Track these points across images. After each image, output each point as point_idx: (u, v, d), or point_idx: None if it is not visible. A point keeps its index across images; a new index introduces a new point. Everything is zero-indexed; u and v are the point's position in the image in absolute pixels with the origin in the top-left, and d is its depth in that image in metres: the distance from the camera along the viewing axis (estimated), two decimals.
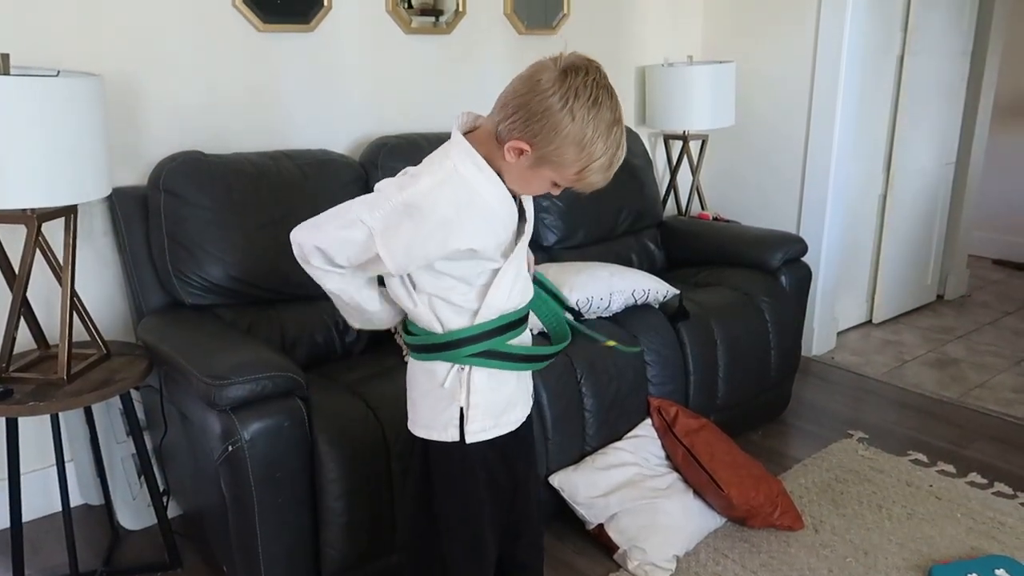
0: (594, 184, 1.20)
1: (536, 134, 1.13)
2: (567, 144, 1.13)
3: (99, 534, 2.20)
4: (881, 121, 3.59)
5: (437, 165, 1.20)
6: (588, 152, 1.14)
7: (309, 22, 2.45)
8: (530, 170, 1.18)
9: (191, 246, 2.06)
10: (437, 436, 1.33)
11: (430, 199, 1.17)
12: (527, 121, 1.13)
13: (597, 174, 1.18)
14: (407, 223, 1.17)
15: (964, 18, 3.75)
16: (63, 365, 1.78)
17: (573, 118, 1.11)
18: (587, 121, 1.11)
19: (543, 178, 1.20)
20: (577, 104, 1.10)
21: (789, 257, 2.81)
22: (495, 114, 1.19)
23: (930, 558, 2.06)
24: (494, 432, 1.33)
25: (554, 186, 1.22)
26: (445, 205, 1.17)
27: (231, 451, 1.63)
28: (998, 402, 3.02)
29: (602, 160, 1.16)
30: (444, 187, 1.17)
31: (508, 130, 1.15)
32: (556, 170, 1.17)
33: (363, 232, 1.19)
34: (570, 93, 1.10)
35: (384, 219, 1.18)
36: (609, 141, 1.14)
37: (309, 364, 2.14)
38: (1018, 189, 4.88)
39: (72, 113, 1.68)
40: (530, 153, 1.15)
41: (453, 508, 1.37)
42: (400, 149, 2.47)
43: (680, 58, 3.45)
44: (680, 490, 2.18)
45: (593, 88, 1.11)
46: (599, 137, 1.13)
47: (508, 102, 1.16)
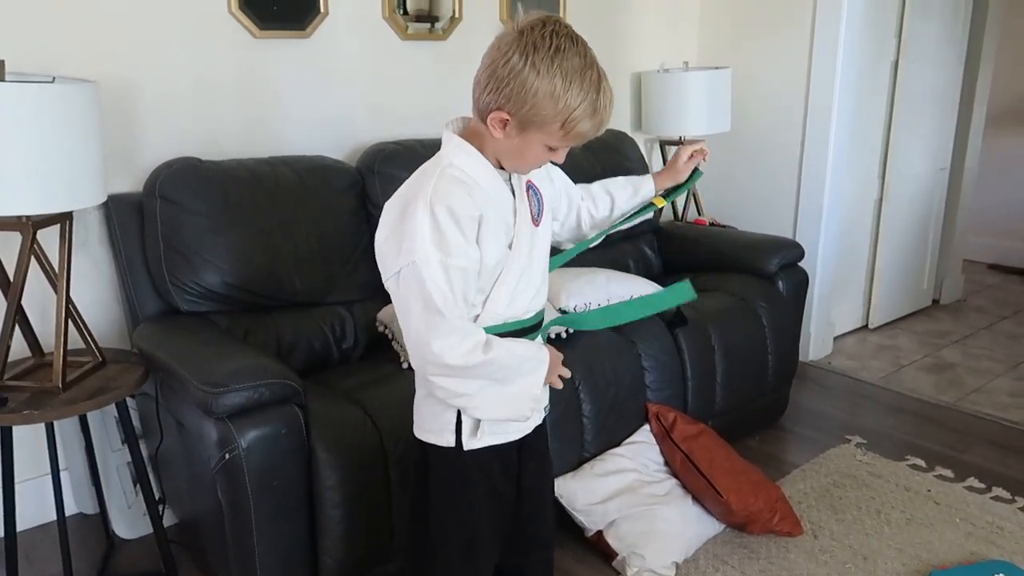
0: (586, 134, 1.17)
1: (509, 98, 1.12)
2: (541, 100, 1.11)
3: (94, 543, 2.18)
4: (876, 127, 3.60)
5: (428, 174, 1.19)
6: (564, 102, 1.11)
7: (305, 28, 2.45)
8: (519, 139, 1.17)
9: (187, 253, 2.05)
10: (435, 440, 1.31)
11: (442, 199, 1.15)
12: (498, 89, 1.13)
13: (584, 123, 1.14)
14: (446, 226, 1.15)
15: (957, 25, 3.77)
16: (58, 373, 1.77)
17: (538, 72, 1.10)
18: (552, 71, 1.10)
19: (534, 144, 1.18)
20: (538, 57, 1.09)
21: (786, 262, 2.82)
22: (473, 94, 1.19)
23: (929, 563, 2.06)
24: (492, 440, 1.31)
25: (549, 151, 1.20)
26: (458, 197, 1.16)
27: (228, 459, 1.62)
28: (995, 406, 3.02)
29: (583, 107, 1.13)
30: (441, 182, 1.17)
31: (486, 104, 1.15)
32: (541, 130, 1.15)
33: (438, 266, 1.14)
34: (529, 48, 1.10)
35: (434, 242, 1.14)
36: (584, 86, 1.12)
37: (306, 371, 2.13)
38: (1012, 194, 4.90)
39: (68, 120, 1.67)
40: (511, 121, 1.14)
41: (448, 514, 1.35)
42: (397, 155, 2.47)
43: (676, 64, 3.46)
44: (679, 496, 2.17)
45: (551, 38, 1.10)
46: (572, 84, 1.11)
47: (479, 79, 1.16)
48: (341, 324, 2.29)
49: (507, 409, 1.25)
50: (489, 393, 1.22)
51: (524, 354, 1.24)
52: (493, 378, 1.21)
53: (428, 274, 1.13)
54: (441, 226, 1.14)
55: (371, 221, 2.43)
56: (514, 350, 1.22)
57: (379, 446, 1.78)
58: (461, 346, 1.15)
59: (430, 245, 1.13)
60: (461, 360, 1.16)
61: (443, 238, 1.14)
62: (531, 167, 1.25)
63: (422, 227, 1.13)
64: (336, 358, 2.27)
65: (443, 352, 1.15)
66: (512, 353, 1.22)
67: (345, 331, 2.29)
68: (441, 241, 1.14)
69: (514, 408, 1.26)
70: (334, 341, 2.27)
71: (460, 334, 1.15)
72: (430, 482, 1.34)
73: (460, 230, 1.15)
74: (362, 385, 2.00)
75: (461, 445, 1.29)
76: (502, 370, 1.21)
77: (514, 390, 1.23)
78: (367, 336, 2.31)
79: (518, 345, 1.24)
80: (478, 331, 1.19)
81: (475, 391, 1.21)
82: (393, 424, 1.81)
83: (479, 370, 1.18)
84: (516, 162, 1.22)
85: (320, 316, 2.27)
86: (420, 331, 1.15)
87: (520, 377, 1.23)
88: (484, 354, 1.17)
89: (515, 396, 1.24)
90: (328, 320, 2.27)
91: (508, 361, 1.21)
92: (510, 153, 1.20)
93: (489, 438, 1.31)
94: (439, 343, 1.14)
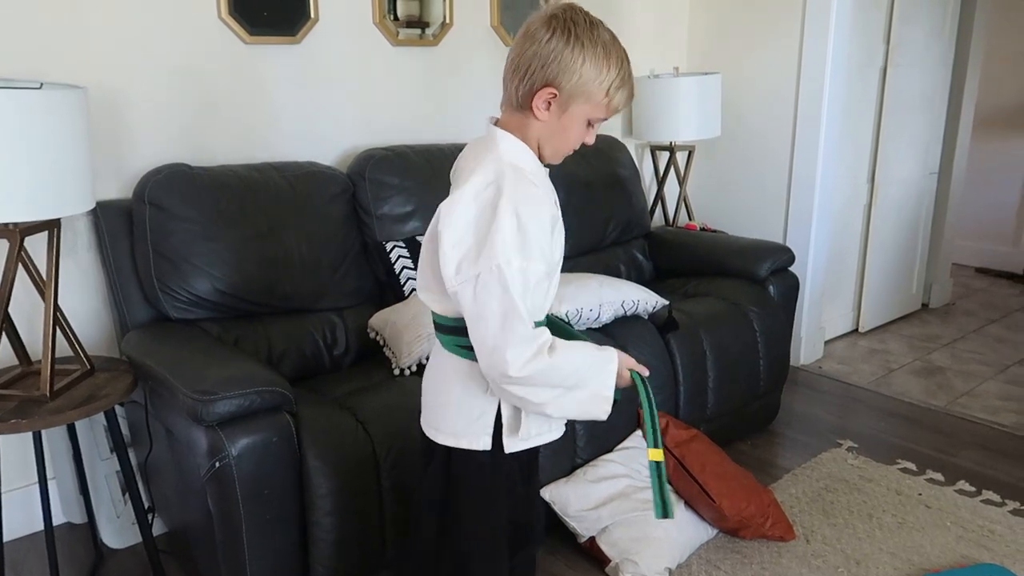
0: (622, 103, 1.24)
1: (557, 74, 1.18)
2: (587, 70, 1.18)
3: (82, 553, 2.16)
4: (865, 132, 3.62)
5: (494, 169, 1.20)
6: (607, 70, 1.19)
7: (295, 34, 2.45)
8: (565, 116, 1.22)
9: (177, 259, 2.04)
10: (467, 444, 1.29)
11: (526, 199, 1.17)
12: (544, 68, 1.18)
13: (622, 91, 1.22)
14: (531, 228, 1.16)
15: (945, 31, 3.80)
16: (46, 381, 1.75)
17: (582, 44, 1.17)
18: (595, 44, 1.18)
19: (577, 119, 1.23)
20: (579, 31, 1.18)
21: (777, 267, 2.83)
22: (510, 86, 1.23)
23: (921, 567, 2.06)
24: (538, 441, 1.33)
25: (589, 127, 1.25)
26: (537, 197, 1.20)
27: (218, 467, 1.61)
28: (984, 410, 3.04)
29: (621, 75, 1.21)
30: (519, 183, 1.18)
31: (530, 85, 1.20)
32: (587, 102, 1.21)
33: (519, 274, 1.15)
34: (568, 27, 1.18)
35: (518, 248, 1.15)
36: (618, 56, 1.21)
37: (297, 378, 2.12)
38: (999, 198, 4.94)
39: (55, 126, 1.66)
40: (559, 96, 1.20)
41: (477, 518, 1.34)
42: (387, 161, 2.46)
43: (666, 69, 3.47)
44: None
45: (582, 16, 1.20)
46: (610, 54, 1.19)
47: (518, 66, 1.21)
48: (332, 331, 2.28)
49: (582, 411, 1.25)
50: (564, 400, 1.22)
51: (589, 357, 1.24)
52: (564, 385, 1.21)
53: (511, 280, 1.14)
54: (527, 230, 1.15)
55: (362, 227, 2.43)
56: (578, 354, 1.23)
57: (371, 454, 1.77)
58: (528, 352, 1.16)
59: (513, 250, 1.14)
60: (530, 370, 1.16)
61: (526, 242, 1.15)
62: (572, 147, 1.28)
63: (506, 230, 1.14)
64: (327, 365, 2.26)
65: (515, 360, 1.15)
66: (579, 355, 1.23)
67: (336, 338, 2.28)
68: (524, 245, 1.15)
69: (588, 410, 1.25)
70: (325, 348, 2.26)
71: (531, 341, 1.16)
72: (461, 487, 1.33)
73: (541, 234, 1.18)
74: (354, 392, 1.99)
75: (500, 447, 1.29)
76: (572, 376, 1.21)
77: (586, 394, 1.23)
78: (358, 342, 2.30)
79: (580, 348, 1.24)
80: (544, 333, 1.19)
81: (549, 400, 1.20)
82: (385, 431, 1.80)
83: (546, 376, 1.18)
84: (559, 142, 1.25)
85: (311, 323, 2.26)
86: (496, 337, 1.15)
87: (591, 380, 1.23)
88: (550, 356, 1.17)
89: (588, 399, 1.24)
90: (319, 327, 2.26)
91: (576, 363, 1.21)
92: (553, 134, 1.24)
93: (536, 440, 1.32)
94: (514, 351, 1.15)
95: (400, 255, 2.39)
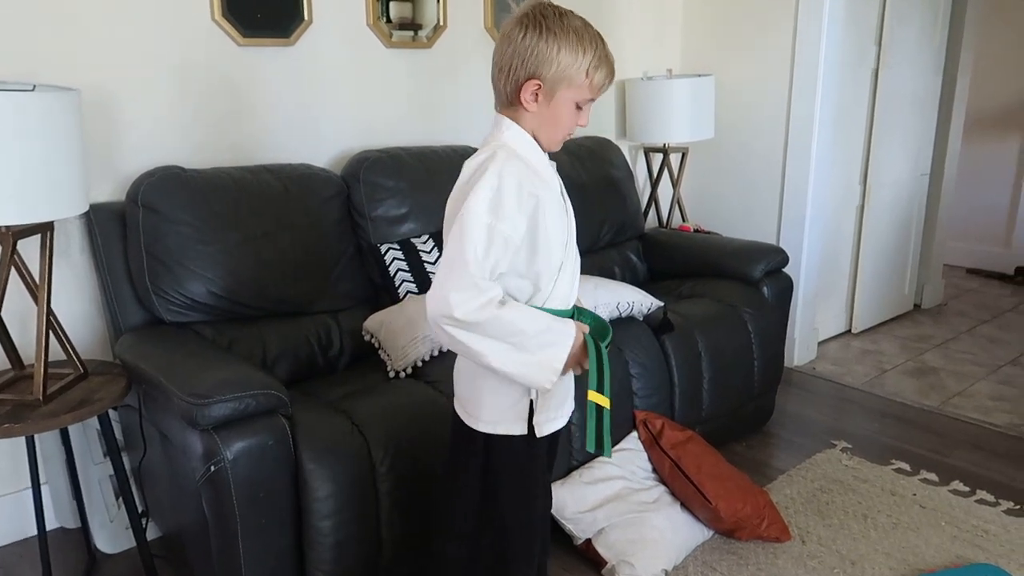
0: (604, 80, 1.31)
1: (537, 67, 1.27)
2: (564, 57, 1.27)
3: (75, 558, 2.14)
4: (857, 134, 3.64)
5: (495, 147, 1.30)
6: (582, 52, 1.27)
7: (289, 36, 2.44)
8: (553, 103, 1.30)
9: (170, 262, 2.03)
10: (505, 430, 1.37)
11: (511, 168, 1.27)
12: (523, 63, 1.27)
13: (601, 70, 1.30)
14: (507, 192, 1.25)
15: (936, 33, 3.82)
16: (39, 385, 1.74)
17: (554, 34, 1.26)
18: (565, 30, 1.27)
19: (565, 104, 1.31)
20: (548, 23, 1.26)
21: (770, 268, 2.83)
22: (497, 87, 1.33)
23: (916, 567, 2.07)
24: (557, 424, 1.41)
25: (577, 109, 1.33)
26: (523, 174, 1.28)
27: (213, 471, 1.60)
28: (977, 410, 3.05)
29: (597, 56, 1.29)
30: (511, 158, 1.28)
31: (515, 81, 1.29)
32: (569, 86, 1.29)
33: (485, 229, 1.23)
34: (538, 21, 1.27)
35: (489, 205, 1.24)
36: (590, 39, 1.29)
37: (292, 381, 2.11)
38: (990, 199, 4.97)
39: (48, 128, 1.65)
40: (543, 86, 1.28)
41: (518, 500, 1.43)
42: (382, 163, 2.46)
43: (659, 71, 3.48)
44: (667, 503, 2.17)
45: (551, 9, 1.28)
46: (583, 38, 1.28)
47: (501, 67, 1.30)
48: (327, 333, 2.27)
49: (526, 374, 1.28)
50: (508, 356, 1.26)
51: (545, 323, 1.28)
52: (509, 342, 1.25)
53: (472, 229, 1.23)
54: (502, 191, 1.24)
55: (356, 230, 2.42)
56: (535, 316, 1.28)
57: (367, 456, 1.77)
58: (475, 300, 1.21)
59: (484, 204, 1.24)
60: (473, 316, 1.21)
61: (500, 202, 1.24)
62: (566, 131, 1.35)
63: (485, 188, 1.24)
64: (322, 368, 2.25)
65: (457, 304, 1.21)
66: (532, 318, 1.27)
67: (331, 340, 2.27)
68: (497, 205, 1.24)
69: (533, 374, 1.28)
70: (320, 350, 2.25)
71: (477, 289, 1.22)
72: (502, 473, 1.41)
73: (517, 200, 1.25)
74: (349, 395, 1.98)
75: (533, 432, 1.37)
76: (518, 334, 1.25)
77: (534, 359, 1.27)
78: (353, 345, 2.29)
79: (535, 315, 1.29)
80: (495, 288, 1.25)
81: (490, 351, 1.25)
82: (381, 434, 1.79)
83: (491, 327, 1.23)
84: (552, 129, 1.33)
85: (306, 325, 2.25)
86: (446, 278, 1.23)
87: (541, 349, 1.27)
88: (497, 309, 1.23)
89: (535, 364, 1.28)
90: (314, 329, 2.26)
91: (524, 325, 1.25)
92: (545, 122, 1.32)
93: (556, 422, 1.41)
94: (456, 295, 1.21)
95: (395, 257, 2.38)
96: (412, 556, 1.84)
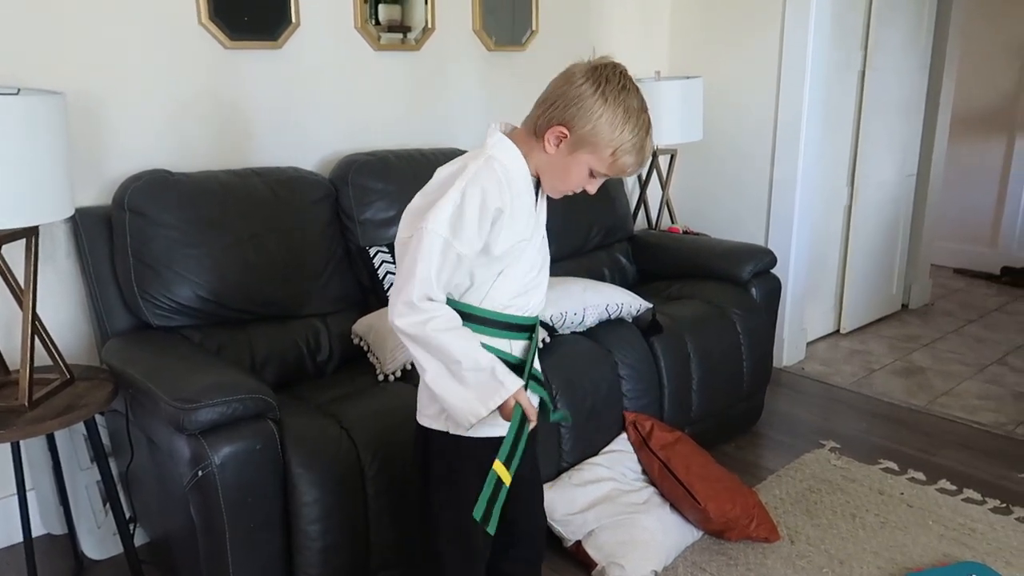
0: (627, 167, 1.30)
1: (574, 117, 1.26)
2: (602, 123, 1.25)
3: (62, 565, 2.13)
4: (844, 135, 3.66)
5: (471, 158, 1.30)
6: (621, 131, 1.26)
7: (277, 39, 2.43)
8: (569, 157, 1.29)
9: (157, 266, 2.02)
10: (431, 424, 1.38)
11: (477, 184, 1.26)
12: (565, 107, 1.26)
13: (629, 155, 1.28)
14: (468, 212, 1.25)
15: (921, 35, 3.85)
16: (24, 391, 1.73)
17: (605, 100, 1.25)
18: (617, 103, 1.25)
19: (581, 164, 1.30)
20: (608, 88, 1.25)
21: (759, 269, 2.84)
22: (534, 112, 1.31)
23: (904, 566, 2.08)
24: (487, 432, 1.34)
25: (591, 177, 1.32)
26: (490, 187, 1.27)
27: (201, 476, 1.59)
28: (964, 409, 3.07)
29: (633, 141, 1.27)
30: (482, 170, 1.28)
31: (548, 119, 1.28)
32: (593, 152, 1.28)
33: (441, 244, 1.24)
34: (601, 79, 1.25)
35: (449, 223, 1.25)
36: (638, 123, 1.27)
37: (280, 385, 2.11)
38: (977, 199, 5.01)
39: (33, 132, 1.64)
40: (569, 137, 1.27)
41: (446, 500, 1.40)
42: (370, 166, 2.45)
43: (648, 73, 3.49)
44: (657, 504, 2.18)
45: (621, 78, 1.27)
46: (630, 119, 1.26)
47: (547, 97, 1.30)
48: (316, 337, 2.27)
49: (452, 406, 1.29)
50: (442, 381, 1.27)
51: (487, 364, 1.28)
52: (447, 366, 1.27)
53: (428, 245, 1.24)
54: (464, 208, 1.25)
55: (345, 232, 2.41)
56: (478, 355, 1.27)
57: (356, 460, 1.76)
58: (417, 316, 1.25)
59: (445, 223, 1.24)
60: (413, 329, 1.26)
61: (460, 221, 1.25)
62: (568, 188, 1.35)
63: (448, 204, 1.25)
64: (311, 371, 2.24)
65: (399, 315, 1.26)
66: (473, 355, 1.27)
67: (320, 344, 2.27)
68: (456, 224, 1.25)
69: (458, 409, 1.28)
70: (309, 354, 2.24)
71: (418, 308, 1.25)
72: (431, 470, 1.40)
73: (479, 217, 1.25)
74: (337, 398, 1.98)
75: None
76: (453, 364, 1.26)
77: (463, 393, 1.27)
78: (342, 348, 2.28)
79: (488, 356, 1.28)
80: (440, 309, 1.26)
81: (427, 366, 1.28)
82: (370, 438, 1.79)
83: (430, 346, 1.26)
84: (557, 180, 1.33)
85: (294, 329, 2.24)
86: (399, 285, 1.27)
87: (475, 387, 1.27)
88: (442, 332, 1.25)
89: (460, 397, 1.28)
90: (303, 333, 2.25)
91: (461, 357, 1.26)
92: (555, 169, 1.32)
93: (485, 430, 1.33)
94: (403, 308, 1.26)
95: (383, 260, 2.38)
96: (400, 560, 1.84)
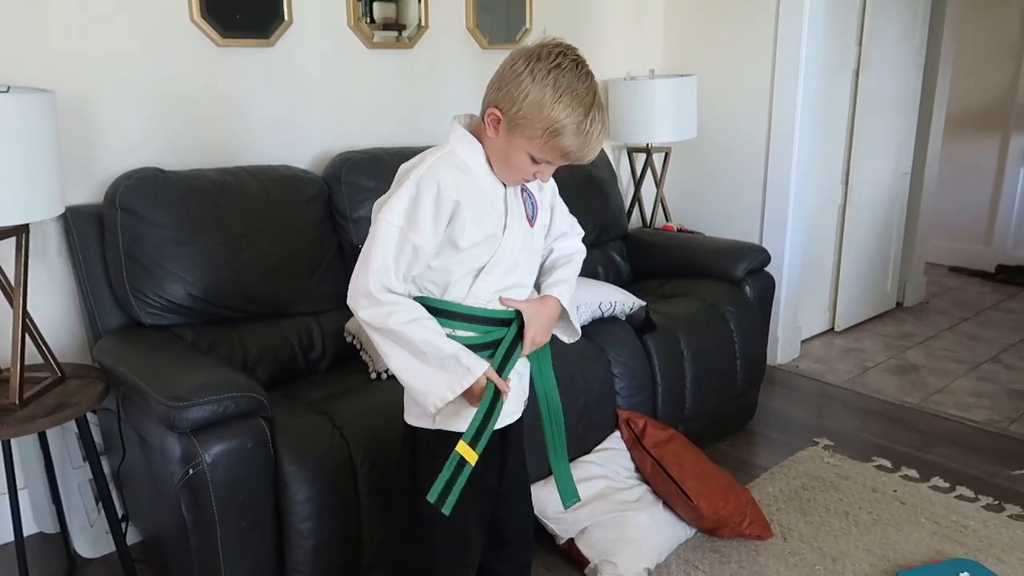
0: (568, 152, 1.21)
1: (503, 98, 1.21)
2: (529, 104, 1.18)
3: (55, 564, 2.12)
4: (838, 133, 3.66)
5: (431, 152, 1.28)
6: (550, 111, 1.17)
7: (269, 37, 2.43)
8: (507, 142, 1.24)
9: (149, 265, 2.02)
10: (416, 422, 1.37)
11: (432, 175, 1.24)
12: (499, 88, 1.22)
13: (566, 138, 1.19)
14: (423, 203, 1.23)
15: (916, 33, 3.85)
16: (15, 390, 1.73)
17: (533, 79, 1.18)
18: (546, 81, 1.17)
19: (518, 150, 1.23)
20: (539, 66, 1.18)
21: (753, 267, 2.85)
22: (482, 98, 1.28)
23: (896, 563, 2.08)
24: (452, 426, 1.33)
25: (533, 163, 1.24)
26: (446, 178, 1.24)
27: (192, 474, 1.59)
28: (957, 407, 3.08)
29: (568, 122, 1.18)
30: (437, 163, 1.25)
31: (486, 102, 1.25)
32: (525, 136, 1.21)
33: (397, 234, 1.23)
34: (533, 58, 1.19)
35: (405, 213, 1.23)
36: (574, 104, 1.18)
37: (272, 383, 2.10)
38: (971, 198, 5.02)
39: (23, 129, 1.64)
40: (503, 121, 1.22)
41: None
42: (363, 164, 2.45)
43: (642, 72, 3.49)
44: (650, 502, 2.18)
45: (557, 56, 1.19)
46: (561, 98, 1.17)
47: (491, 81, 1.26)
48: (308, 335, 2.26)
49: (416, 390, 1.28)
50: (408, 367, 1.27)
51: (451, 352, 1.26)
52: (412, 355, 1.26)
53: (383, 235, 1.24)
54: (419, 200, 1.23)
55: (338, 231, 2.41)
56: (438, 344, 1.26)
57: (347, 458, 1.76)
58: (374, 308, 1.25)
59: (401, 214, 1.23)
60: (374, 320, 1.25)
61: (415, 212, 1.23)
62: (516, 176, 1.29)
63: (403, 196, 1.23)
64: (303, 369, 2.24)
65: (360, 307, 1.26)
66: (428, 341, 1.25)
67: (312, 342, 2.27)
68: (412, 215, 1.23)
69: (422, 392, 1.28)
70: (301, 352, 2.24)
71: (374, 299, 1.25)
72: (420, 468, 1.38)
73: (435, 209, 1.23)
74: (329, 397, 1.97)
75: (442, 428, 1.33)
76: (417, 354, 1.26)
77: (428, 379, 1.27)
78: (335, 346, 2.28)
79: (450, 344, 1.27)
80: (397, 301, 1.25)
81: (393, 355, 1.27)
82: (362, 436, 1.79)
83: (392, 335, 1.25)
84: (502, 167, 1.28)
85: (287, 327, 2.24)
86: (356, 275, 1.27)
87: (433, 373, 1.26)
88: (400, 325, 1.24)
89: (427, 384, 1.27)
90: (295, 331, 2.25)
91: (425, 348, 1.25)
92: (497, 155, 1.27)
93: (454, 422, 1.32)
94: (362, 299, 1.26)
95: None
96: (392, 558, 1.84)
